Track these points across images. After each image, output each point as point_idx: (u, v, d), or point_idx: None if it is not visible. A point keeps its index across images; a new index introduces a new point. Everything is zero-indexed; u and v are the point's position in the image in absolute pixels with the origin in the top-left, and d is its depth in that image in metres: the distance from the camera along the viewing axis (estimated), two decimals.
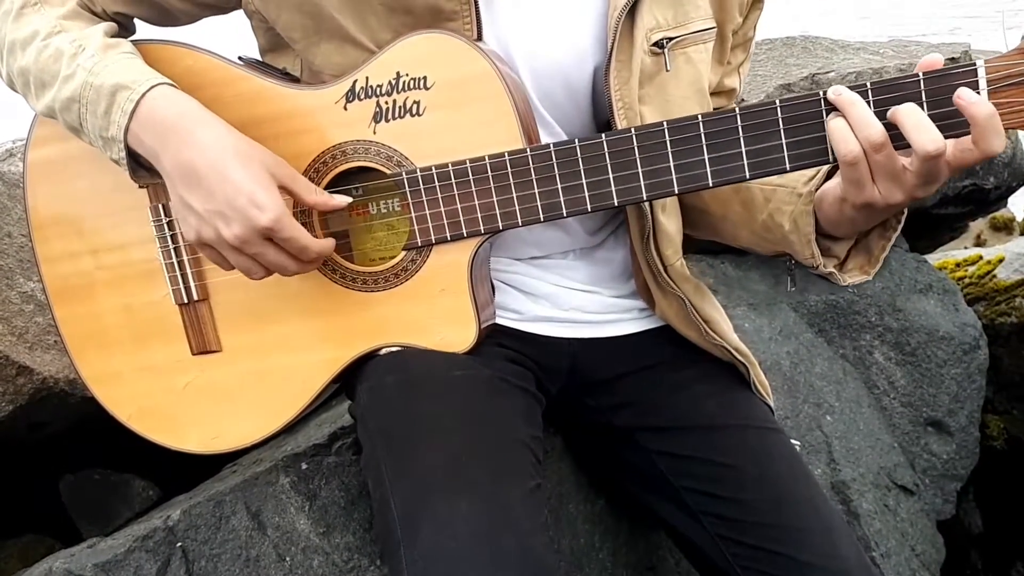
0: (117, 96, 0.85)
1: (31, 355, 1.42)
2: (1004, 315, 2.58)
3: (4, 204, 1.48)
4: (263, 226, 0.83)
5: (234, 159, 0.84)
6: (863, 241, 0.94)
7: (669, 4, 0.92)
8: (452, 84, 0.88)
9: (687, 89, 0.95)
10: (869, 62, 1.86)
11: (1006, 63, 0.79)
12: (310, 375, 0.98)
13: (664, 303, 1.03)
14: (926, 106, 0.80)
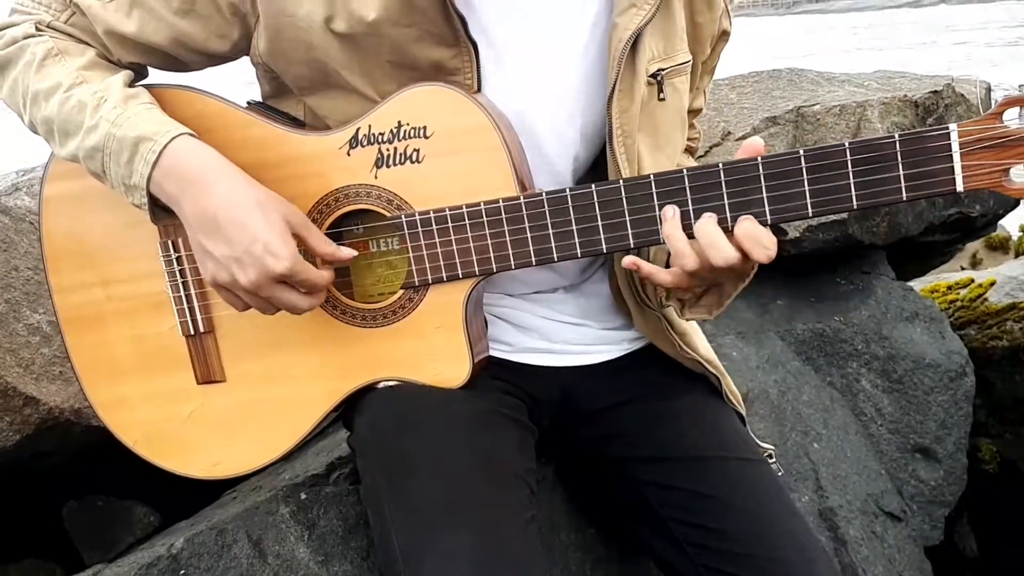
0: (140, 147, 0.89)
1: (37, 386, 1.45)
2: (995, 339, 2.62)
3: (11, 238, 1.52)
4: (278, 273, 0.88)
5: (252, 208, 0.88)
6: (718, 286, 0.99)
7: (661, 36, 0.98)
8: (450, 134, 0.93)
9: (673, 116, 1.02)
10: (854, 95, 1.91)
11: (979, 127, 0.84)
12: (310, 406, 1.02)
13: (641, 319, 1.08)
14: (902, 166, 0.85)
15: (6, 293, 1.48)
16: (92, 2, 0.96)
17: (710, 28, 1.05)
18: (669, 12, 0.98)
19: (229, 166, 0.91)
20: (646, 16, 0.94)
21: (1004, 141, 0.84)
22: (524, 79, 0.96)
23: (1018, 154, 0.84)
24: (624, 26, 0.94)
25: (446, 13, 0.90)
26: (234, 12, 0.95)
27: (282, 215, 0.90)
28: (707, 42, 1.06)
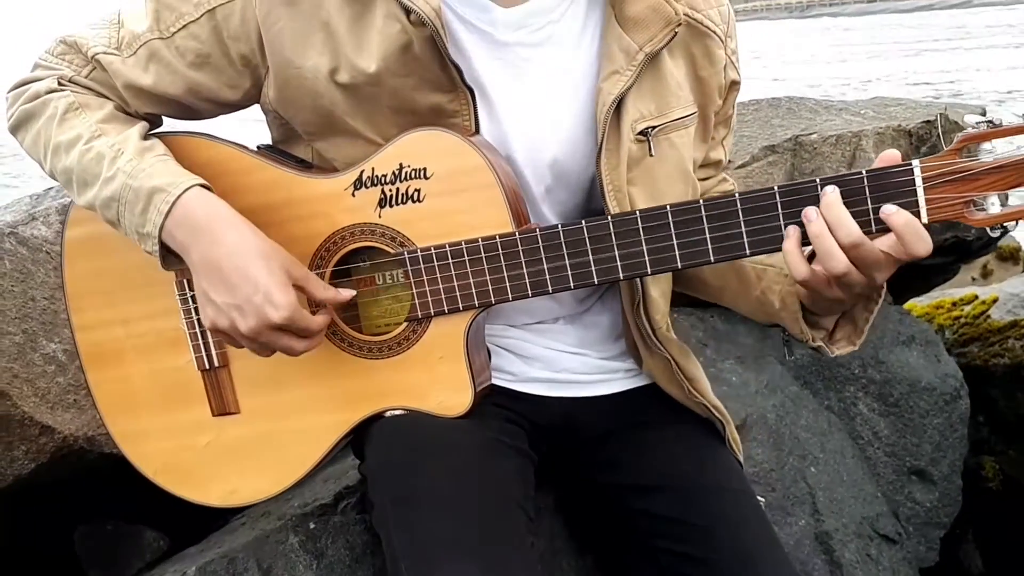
0: (153, 198, 0.94)
1: (53, 415, 1.50)
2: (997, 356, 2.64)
3: (28, 269, 1.56)
4: (276, 323, 0.93)
5: (256, 259, 0.93)
6: (848, 314, 1.02)
7: (651, 97, 1.02)
8: (449, 175, 0.98)
9: (672, 171, 1.04)
10: (850, 124, 1.96)
11: (940, 163, 0.89)
12: (321, 435, 1.06)
13: (651, 362, 1.11)
14: (870, 200, 0.89)
15: (23, 323, 1.52)
16: (111, 58, 1.02)
17: (715, 80, 1.08)
18: (658, 73, 1.02)
19: (237, 217, 0.96)
20: (627, 82, 0.98)
21: (965, 175, 0.89)
22: (513, 129, 1.02)
23: (978, 187, 0.89)
24: (607, 91, 0.99)
25: (442, 63, 0.95)
26: (245, 64, 1.01)
27: (283, 266, 0.95)
28: (715, 94, 1.09)
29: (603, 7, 1.02)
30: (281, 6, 0.96)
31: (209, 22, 0.99)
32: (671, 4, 0.99)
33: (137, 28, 1.01)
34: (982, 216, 0.90)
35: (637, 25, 0.99)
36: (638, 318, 1.07)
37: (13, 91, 1.06)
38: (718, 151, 1.16)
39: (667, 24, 0.99)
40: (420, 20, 0.92)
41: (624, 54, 0.99)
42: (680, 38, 1.02)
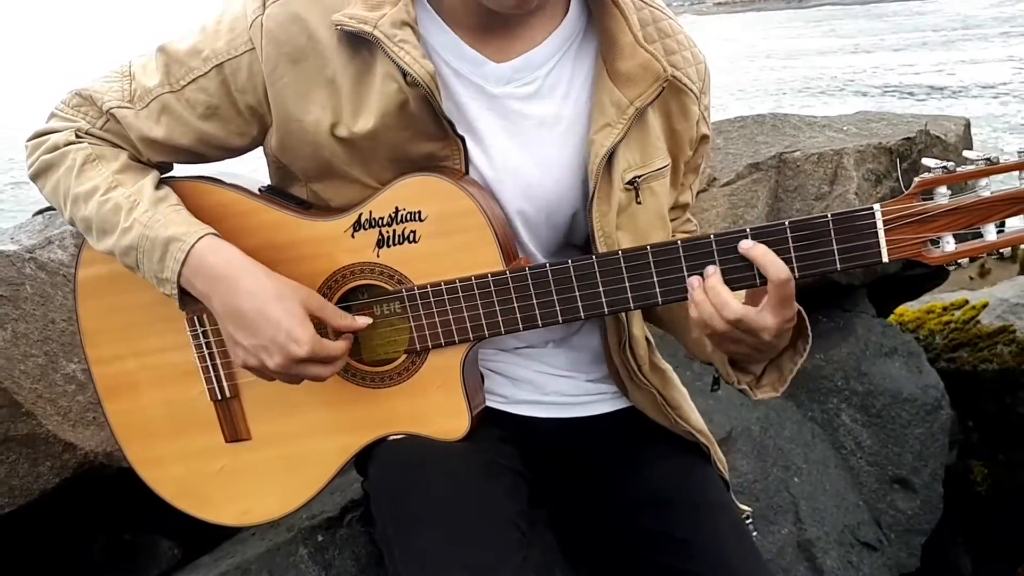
0: (170, 247, 1.01)
1: (74, 432, 1.57)
2: (986, 361, 2.70)
3: (47, 292, 1.63)
4: (300, 357, 1.00)
5: (272, 300, 1.00)
6: (776, 362, 1.08)
7: (638, 148, 1.08)
8: (442, 217, 1.05)
9: (653, 216, 1.11)
10: (832, 141, 2.02)
11: (900, 206, 0.96)
12: (327, 459, 1.14)
13: (637, 395, 1.18)
14: (835, 241, 0.96)
15: (44, 346, 1.59)
16: (125, 112, 1.08)
17: (688, 134, 1.14)
18: (644, 126, 1.08)
19: (250, 262, 1.03)
20: (619, 134, 1.04)
21: (922, 217, 0.96)
22: (504, 174, 1.08)
23: (936, 228, 0.96)
24: (600, 143, 1.05)
25: (436, 117, 1.02)
26: (252, 113, 1.07)
27: (300, 301, 1.02)
28: (687, 146, 1.15)
29: (592, 60, 1.08)
30: (287, 63, 1.03)
31: (217, 76, 1.05)
32: (659, 61, 1.05)
33: (148, 82, 1.08)
34: (939, 254, 0.97)
35: (628, 81, 1.05)
36: (623, 356, 1.14)
37: (32, 141, 1.12)
38: (686, 195, 1.22)
39: (656, 80, 1.05)
40: (415, 81, 0.99)
41: (615, 108, 1.04)
42: (662, 92, 1.07)
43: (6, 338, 1.51)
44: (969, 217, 0.96)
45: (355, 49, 1.01)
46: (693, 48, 1.13)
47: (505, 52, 1.05)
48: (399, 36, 0.98)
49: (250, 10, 1.04)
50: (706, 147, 1.19)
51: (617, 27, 1.05)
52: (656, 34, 1.09)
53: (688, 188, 1.22)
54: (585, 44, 1.08)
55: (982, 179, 0.96)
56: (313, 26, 1.01)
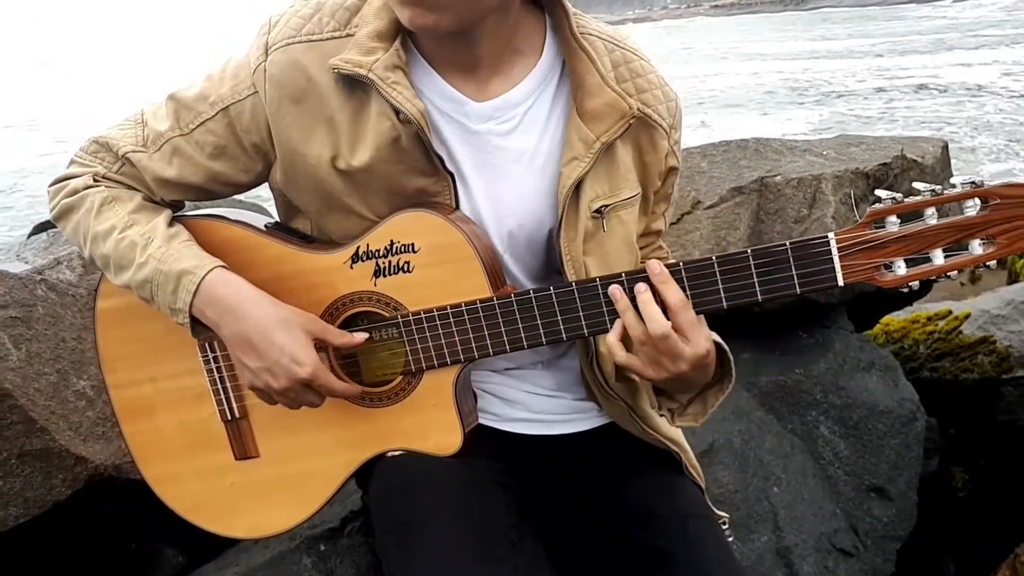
0: (182, 279, 1.09)
1: (85, 446, 1.64)
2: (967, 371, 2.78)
3: (57, 312, 1.71)
4: (303, 379, 1.08)
5: (277, 327, 1.08)
6: (701, 395, 1.17)
7: (605, 179, 1.16)
8: (434, 249, 1.12)
9: (620, 243, 1.19)
10: (812, 166, 2.10)
11: (853, 234, 1.04)
12: (331, 474, 1.21)
13: (608, 406, 1.26)
14: (794, 267, 1.04)
15: (56, 364, 1.67)
16: (139, 155, 1.16)
17: (657, 166, 1.21)
18: (612, 158, 1.16)
19: (256, 292, 1.11)
20: (585, 168, 1.12)
21: (874, 244, 1.03)
22: (484, 205, 1.16)
23: (887, 254, 1.03)
24: (567, 175, 1.12)
25: (426, 152, 1.10)
26: (257, 151, 1.15)
27: (302, 327, 1.10)
28: (656, 177, 1.22)
29: (566, 99, 1.16)
30: (289, 103, 1.11)
31: (224, 119, 1.14)
32: (626, 100, 1.12)
33: (160, 127, 1.16)
34: (891, 277, 1.04)
35: (595, 118, 1.12)
36: (592, 371, 1.22)
37: (54, 186, 1.21)
38: (658, 223, 1.29)
39: (621, 117, 1.12)
40: (408, 119, 1.07)
41: (583, 143, 1.12)
42: (631, 127, 1.15)
43: (21, 358, 1.59)
44: (918, 243, 1.03)
45: (351, 90, 1.09)
46: (664, 87, 1.20)
47: (486, 92, 1.13)
48: (392, 78, 1.06)
49: (253, 57, 1.12)
50: (675, 178, 1.26)
51: (584, 69, 1.12)
52: (628, 74, 1.17)
53: (660, 216, 1.29)
54: (561, 86, 1.16)
55: (928, 208, 1.03)
56: (312, 70, 1.09)
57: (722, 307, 1.07)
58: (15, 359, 1.55)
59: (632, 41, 1.21)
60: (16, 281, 1.64)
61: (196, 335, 1.14)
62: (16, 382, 1.53)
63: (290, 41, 1.10)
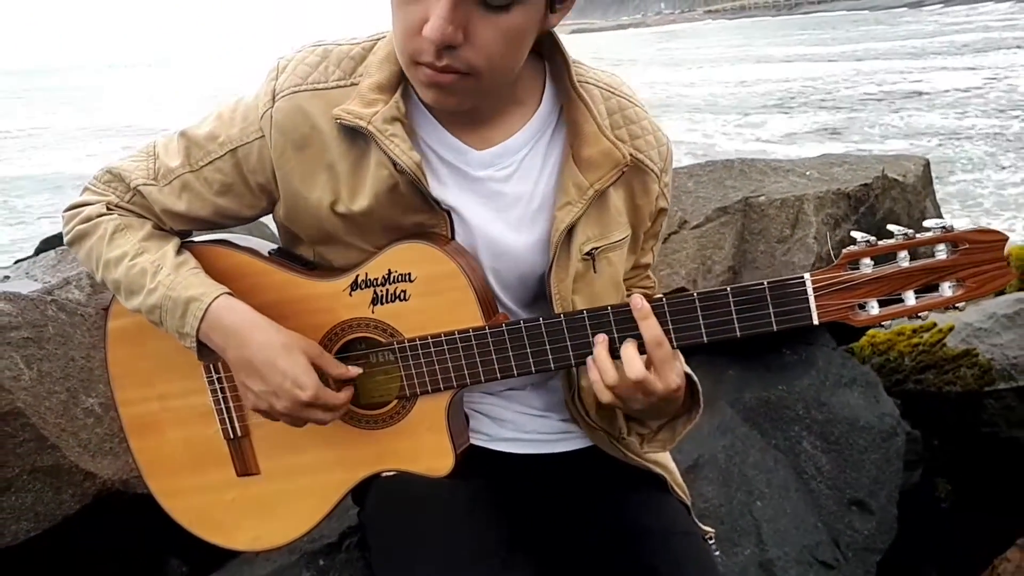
0: (190, 306, 1.15)
1: (93, 462, 1.70)
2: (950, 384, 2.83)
3: (67, 332, 1.77)
4: (304, 401, 1.14)
5: (280, 351, 1.14)
6: (671, 423, 1.23)
7: (596, 224, 1.21)
8: (429, 278, 1.18)
9: (607, 283, 1.24)
10: (795, 186, 2.17)
11: (827, 276, 1.08)
12: (328, 492, 1.27)
13: (591, 434, 1.32)
14: (771, 305, 1.10)
15: (66, 382, 1.73)
16: (150, 189, 1.22)
17: (648, 208, 1.26)
18: (604, 204, 1.21)
19: (259, 317, 1.16)
20: (578, 212, 1.17)
21: (848, 286, 1.08)
22: (481, 244, 1.21)
23: (860, 294, 1.08)
24: (561, 219, 1.18)
25: (423, 197, 1.16)
26: (262, 190, 1.21)
27: (303, 351, 1.16)
28: (646, 219, 1.28)
29: (562, 146, 1.21)
30: (292, 149, 1.16)
31: (232, 159, 1.19)
32: (620, 149, 1.17)
33: (171, 163, 1.22)
34: (864, 317, 1.09)
35: (590, 166, 1.17)
36: (574, 404, 1.28)
37: (69, 212, 1.26)
38: (647, 257, 1.35)
39: (615, 166, 1.17)
40: (403, 170, 1.12)
41: (577, 189, 1.17)
42: (624, 173, 1.19)
43: (33, 377, 1.65)
44: (890, 285, 1.08)
45: (352, 139, 1.15)
46: (656, 132, 1.26)
47: (486, 140, 1.18)
48: (390, 131, 1.11)
49: (261, 103, 1.17)
50: (664, 217, 1.32)
51: (582, 118, 1.17)
52: (622, 121, 1.22)
53: (649, 251, 1.35)
54: (557, 132, 1.21)
55: (901, 251, 1.07)
56: (316, 118, 1.15)
57: (702, 341, 1.12)
58: (27, 378, 1.61)
59: (627, 88, 1.26)
60: (28, 302, 1.70)
61: (202, 358, 1.19)
62: (28, 401, 1.58)
63: (296, 89, 1.15)
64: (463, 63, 1.03)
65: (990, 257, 1.06)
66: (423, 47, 1.02)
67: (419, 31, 1.01)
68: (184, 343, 1.18)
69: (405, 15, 1.03)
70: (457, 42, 1.00)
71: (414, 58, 1.04)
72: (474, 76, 1.04)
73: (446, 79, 1.04)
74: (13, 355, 1.59)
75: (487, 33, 1.01)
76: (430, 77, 1.04)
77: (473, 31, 1.01)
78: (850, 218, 2.10)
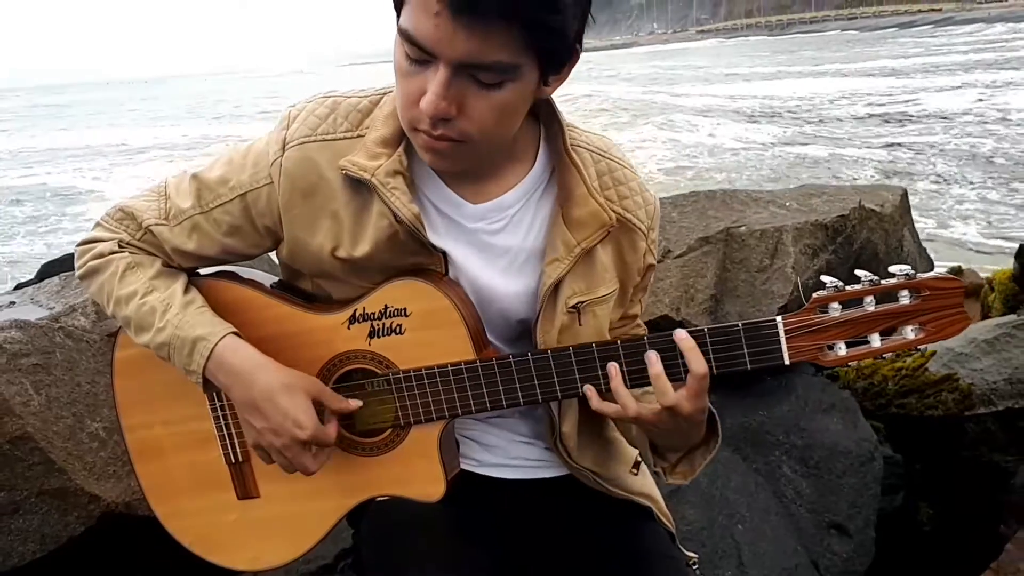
0: (197, 345, 1.22)
1: (98, 485, 1.76)
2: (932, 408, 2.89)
3: (73, 358, 1.83)
4: (303, 440, 1.20)
5: (281, 392, 1.20)
6: (689, 456, 1.29)
7: (583, 279, 1.27)
8: (424, 313, 1.25)
9: (591, 334, 1.30)
10: (775, 217, 2.25)
11: (798, 319, 1.15)
12: (324, 516, 1.33)
13: (576, 474, 1.37)
14: (745, 345, 1.16)
15: (73, 407, 1.78)
16: (161, 228, 1.28)
17: (636, 265, 1.33)
18: (590, 260, 1.27)
19: (263, 358, 1.23)
20: (565, 268, 1.24)
21: (817, 328, 1.15)
22: (471, 290, 1.28)
23: (829, 336, 1.15)
24: (548, 274, 1.24)
25: (421, 243, 1.22)
26: (268, 232, 1.28)
27: (304, 390, 1.22)
28: (635, 274, 1.34)
29: (552, 204, 1.27)
30: (299, 196, 1.23)
31: (240, 203, 1.26)
32: (606, 211, 1.24)
33: (182, 204, 1.28)
34: (833, 357, 1.15)
35: (579, 225, 1.24)
36: (556, 448, 1.34)
37: (81, 247, 1.33)
38: (635, 308, 1.41)
39: (602, 226, 1.24)
40: (403, 220, 1.19)
41: (565, 246, 1.24)
42: (612, 231, 1.26)
43: (41, 403, 1.71)
44: (856, 328, 1.14)
45: (356, 189, 1.22)
46: (644, 192, 1.33)
47: (481, 195, 1.25)
48: (391, 184, 1.19)
49: (272, 151, 1.24)
50: (652, 272, 1.39)
51: (574, 181, 1.24)
52: (611, 182, 1.29)
53: (638, 302, 1.42)
54: (547, 190, 1.28)
55: (867, 296, 1.14)
56: (323, 168, 1.22)
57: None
58: (36, 404, 1.67)
59: (616, 151, 1.33)
60: (37, 329, 1.76)
61: (206, 391, 1.26)
62: (37, 425, 1.64)
63: (305, 140, 1.22)
64: (457, 132, 1.10)
65: (950, 303, 1.13)
66: (420, 117, 1.09)
67: (417, 101, 1.08)
68: (191, 379, 1.24)
69: (405, 86, 1.10)
70: (451, 115, 1.07)
71: (413, 125, 1.12)
72: (468, 143, 1.11)
73: (442, 145, 1.11)
74: (23, 381, 1.65)
75: (480, 106, 1.08)
76: (427, 143, 1.12)
77: (467, 104, 1.07)
78: (828, 248, 2.18)
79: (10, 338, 1.69)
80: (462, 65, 1.03)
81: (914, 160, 14.35)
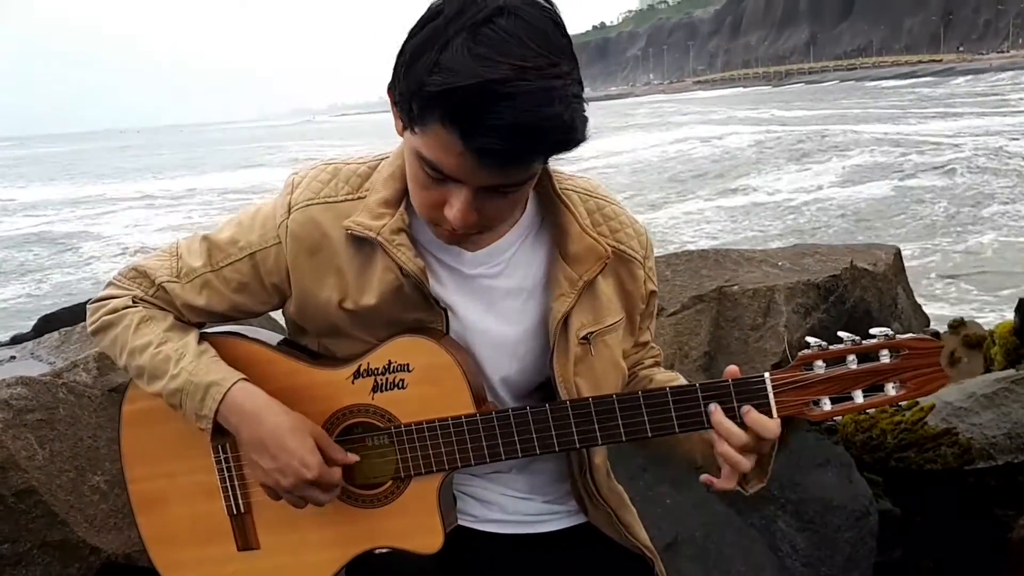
0: (210, 389, 1.26)
1: (99, 537, 1.78)
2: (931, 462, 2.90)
3: (76, 414, 1.86)
4: (309, 479, 1.24)
5: (289, 434, 1.25)
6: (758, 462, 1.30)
7: (589, 311, 1.33)
8: (426, 369, 1.29)
9: (607, 364, 1.35)
10: (767, 276, 2.30)
11: (785, 375, 1.20)
12: (324, 567, 1.35)
13: (595, 513, 1.41)
14: (735, 401, 1.20)
15: (75, 461, 1.81)
16: (173, 286, 1.34)
17: (638, 292, 1.39)
18: (594, 292, 1.33)
19: (273, 402, 1.28)
20: (571, 302, 1.30)
21: (804, 384, 1.20)
22: (476, 338, 1.33)
23: (814, 392, 1.20)
24: (557, 309, 1.30)
25: (425, 296, 1.28)
26: (275, 289, 1.33)
27: (310, 434, 1.26)
28: (639, 302, 1.40)
29: (548, 244, 1.34)
30: (305, 255, 1.29)
31: (250, 261, 1.32)
32: (601, 244, 1.31)
33: (194, 263, 1.34)
34: (819, 412, 1.20)
35: (577, 260, 1.31)
36: (584, 480, 1.37)
37: (94, 304, 1.38)
38: (646, 335, 1.47)
39: (599, 259, 1.31)
40: (409, 274, 1.25)
41: (568, 281, 1.30)
42: (610, 263, 1.33)
43: (45, 456, 1.74)
44: (840, 385, 1.20)
45: (359, 246, 1.28)
46: (635, 224, 1.40)
47: (478, 243, 1.31)
48: (396, 241, 1.26)
49: (279, 213, 1.31)
50: (655, 299, 1.44)
51: (566, 220, 1.31)
52: (601, 218, 1.36)
53: (647, 329, 1.47)
54: (541, 232, 1.35)
55: (850, 355, 1.19)
56: (327, 227, 1.29)
57: (674, 431, 1.23)
58: (40, 458, 1.70)
59: (602, 190, 1.40)
60: (41, 386, 1.80)
61: (214, 440, 1.30)
62: (41, 479, 1.67)
63: (309, 203, 1.30)
64: (479, 227, 1.20)
65: (928, 362, 1.19)
66: (443, 223, 1.19)
67: (438, 206, 1.17)
68: (200, 424, 1.28)
69: (425, 195, 1.18)
70: (475, 221, 1.17)
71: (433, 222, 1.22)
72: (487, 229, 1.23)
73: (464, 236, 1.22)
74: (28, 436, 1.69)
75: (502, 205, 1.18)
76: (451, 237, 1.22)
77: (488, 206, 1.17)
78: (820, 307, 2.23)
79: (16, 394, 1.73)
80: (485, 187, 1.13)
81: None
